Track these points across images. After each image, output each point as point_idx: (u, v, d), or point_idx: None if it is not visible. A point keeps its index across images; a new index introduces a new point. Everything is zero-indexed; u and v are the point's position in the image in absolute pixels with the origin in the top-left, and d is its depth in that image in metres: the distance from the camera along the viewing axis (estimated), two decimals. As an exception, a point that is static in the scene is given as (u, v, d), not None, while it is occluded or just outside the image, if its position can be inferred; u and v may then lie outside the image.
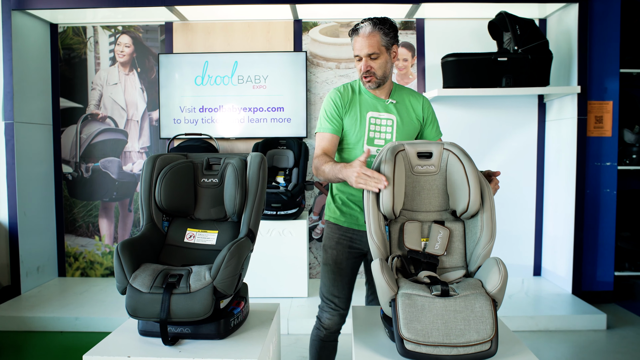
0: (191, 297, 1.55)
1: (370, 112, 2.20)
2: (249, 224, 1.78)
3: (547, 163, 4.25)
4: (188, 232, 1.89)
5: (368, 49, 2.10)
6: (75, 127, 4.37)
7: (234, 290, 1.62)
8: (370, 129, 2.19)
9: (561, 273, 4.00)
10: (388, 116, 2.19)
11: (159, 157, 1.90)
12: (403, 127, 2.19)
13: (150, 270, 1.63)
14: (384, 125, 2.19)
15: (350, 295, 2.31)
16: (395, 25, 2.17)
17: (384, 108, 2.20)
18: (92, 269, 4.42)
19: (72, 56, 4.34)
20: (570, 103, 3.87)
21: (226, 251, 1.59)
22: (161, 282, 1.58)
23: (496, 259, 1.58)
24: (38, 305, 3.65)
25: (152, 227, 1.85)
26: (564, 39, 3.95)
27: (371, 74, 2.13)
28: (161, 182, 1.83)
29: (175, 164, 1.88)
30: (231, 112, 4.23)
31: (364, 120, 2.19)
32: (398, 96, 2.23)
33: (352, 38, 2.16)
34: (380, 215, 1.71)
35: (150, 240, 1.82)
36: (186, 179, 1.89)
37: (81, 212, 4.41)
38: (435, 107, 4.20)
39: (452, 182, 1.77)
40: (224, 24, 4.26)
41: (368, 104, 2.21)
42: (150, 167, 1.86)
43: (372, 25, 2.10)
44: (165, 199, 1.83)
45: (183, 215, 1.91)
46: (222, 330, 1.65)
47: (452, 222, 1.79)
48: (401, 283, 1.55)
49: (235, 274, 1.60)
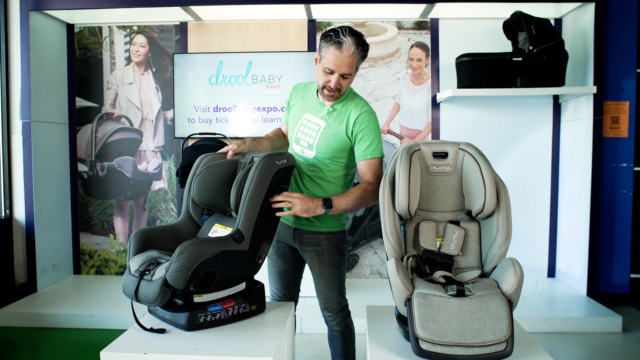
0: (149, 284, 1.64)
1: (306, 114, 2.19)
2: (238, 224, 1.78)
3: (561, 164, 4.21)
4: (214, 227, 1.94)
5: (346, 69, 1.99)
6: (91, 126, 4.41)
7: (182, 285, 1.60)
8: (299, 129, 2.19)
9: (576, 275, 3.97)
10: (318, 121, 2.15)
11: (208, 156, 2.02)
12: (327, 136, 2.11)
13: (146, 256, 1.76)
14: (311, 129, 2.16)
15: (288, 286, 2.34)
16: (369, 47, 2.07)
17: (319, 113, 2.16)
18: (107, 266, 4.47)
19: (88, 56, 4.39)
20: (585, 103, 3.84)
21: (179, 247, 1.62)
22: (145, 267, 1.69)
23: (512, 260, 1.57)
24: (54, 302, 3.69)
25: (187, 219, 2.00)
26: (579, 38, 3.92)
27: (337, 90, 2.05)
28: (196, 179, 1.94)
29: (214, 163, 1.97)
30: (245, 111, 4.25)
31: (298, 120, 2.21)
32: (343, 105, 2.12)
33: (327, 47, 1.98)
34: (396, 215, 1.71)
35: (180, 230, 1.96)
36: (224, 177, 1.96)
37: (96, 211, 4.45)
38: (449, 107, 4.21)
39: (467, 182, 1.77)
40: (239, 24, 4.28)
41: (309, 106, 2.21)
42: (196, 165, 1.99)
43: (356, 45, 1.97)
44: (198, 194, 1.95)
45: (221, 211, 1.99)
46: (186, 322, 1.69)
47: (467, 222, 1.79)
48: (416, 283, 1.55)
49: (183, 269, 1.59)
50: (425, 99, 4.25)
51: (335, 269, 2.21)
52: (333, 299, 2.25)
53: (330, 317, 2.29)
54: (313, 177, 2.16)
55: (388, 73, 4.26)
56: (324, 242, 2.18)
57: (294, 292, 2.37)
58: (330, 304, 2.26)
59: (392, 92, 4.26)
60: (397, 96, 4.26)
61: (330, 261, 2.19)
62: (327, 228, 2.18)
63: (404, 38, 4.24)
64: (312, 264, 2.22)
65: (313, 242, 2.19)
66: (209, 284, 1.71)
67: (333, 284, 2.22)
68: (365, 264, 4.36)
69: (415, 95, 4.25)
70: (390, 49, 4.25)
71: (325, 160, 2.13)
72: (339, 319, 2.29)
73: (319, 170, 2.14)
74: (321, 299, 2.28)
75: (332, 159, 2.13)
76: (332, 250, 2.20)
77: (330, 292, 2.23)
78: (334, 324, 2.30)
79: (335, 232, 2.20)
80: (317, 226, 2.17)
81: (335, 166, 2.15)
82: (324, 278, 2.21)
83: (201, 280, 1.68)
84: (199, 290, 1.69)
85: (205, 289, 1.71)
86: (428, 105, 4.25)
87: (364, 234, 4.34)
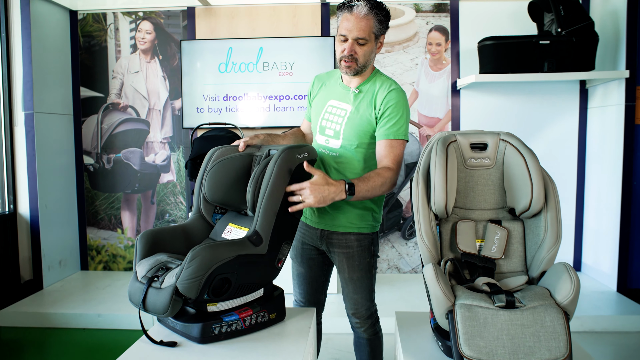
0: (158, 293, 1.48)
1: (331, 100, 2.02)
2: (255, 225, 1.60)
3: (588, 152, 4.01)
4: (228, 227, 1.76)
5: (358, 32, 1.84)
6: (96, 117, 4.25)
7: (195, 294, 1.44)
8: (324, 117, 2.01)
9: (605, 269, 3.78)
10: (344, 106, 1.97)
11: (220, 149, 1.83)
12: (355, 119, 1.93)
13: (154, 260, 1.59)
14: (337, 115, 1.98)
15: (313, 292, 2.17)
16: (389, 13, 1.93)
17: (345, 97, 1.99)
18: (115, 262, 4.33)
19: (92, 44, 4.21)
20: (616, 89, 3.63)
21: (191, 252, 1.45)
22: (153, 272, 1.53)
23: (565, 265, 1.39)
24: (60, 301, 3.56)
25: (198, 218, 1.82)
26: (610, 20, 3.69)
27: (353, 60, 1.88)
28: (207, 175, 1.77)
29: (227, 157, 1.80)
30: (256, 100, 4.07)
31: (322, 108, 2.04)
32: (370, 86, 1.96)
33: (341, 14, 1.88)
34: (432, 214, 1.53)
35: (191, 231, 1.79)
36: (237, 172, 1.79)
37: (103, 205, 4.30)
38: (470, 94, 4.01)
39: (510, 177, 1.58)
40: (248, 8, 4.09)
41: (334, 91, 2.03)
42: (207, 159, 1.81)
43: (369, 7, 1.83)
44: (209, 191, 1.77)
45: (236, 209, 1.82)
46: (199, 334, 1.52)
47: (509, 221, 1.60)
48: (458, 292, 1.37)
49: (196, 277, 1.42)
50: (444, 85, 4.04)
51: (366, 272, 2.03)
52: (362, 304, 2.07)
53: (357, 324, 2.12)
54: (340, 170, 1.97)
55: (406, 58, 4.06)
56: (354, 243, 2.00)
57: (319, 297, 2.20)
58: (359, 309, 2.08)
59: (410, 78, 4.05)
60: (415, 83, 4.06)
61: (361, 264, 2.01)
62: (357, 229, 2.00)
63: (422, 21, 4.03)
64: (340, 267, 2.04)
65: (343, 243, 2.00)
66: (224, 291, 1.54)
67: (363, 288, 2.05)
68: (382, 259, 4.20)
69: (434, 81, 4.05)
70: (408, 33, 4.05)
71: (352, 148, 1.94)
72: (367, 326, 2.11)
73: (347, 161, 1.95)
74: (349, 304, 2.09)
75: (361, 146, 1.94)
76: (364, 253, 2.01)
77: (359, 297, 2.06)
78: (362, 330, 2.12)
79: (367, 233, 2.03)
80: (347, 227, 1.99)
81: (364, 155, 1.95)
82: (353, 282, 2.03)
83: (215, 288, 1.51)
84: (213, 298, 1.53)
85: (220, 297, 1.55)
86: (448, 92, 4.05)
87: (380, 227, 4.16)
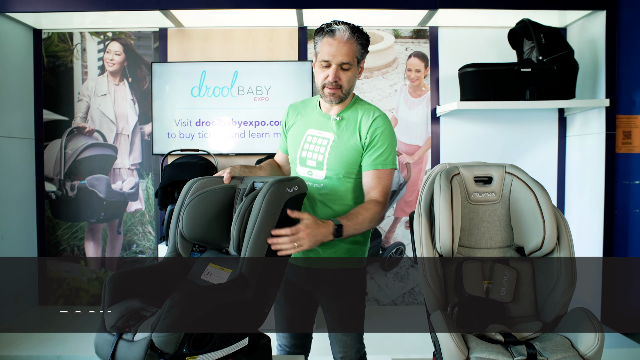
0: (130, 346, 1.29)
1: (310, 130, 1.91)
2: (241, 267, 1.44)
3: (568, 181, 3.97)
4: (208, 267, 1.59)
5: (343, 57, 1.79)
6: (60, 142, 4.01)
7: (174, 348, 1.27)
8: (304, 147, 1.90)
9: (587, 300, 3.71)
10: (326, 135, 1.87)
11: (199, 180, 1.67)
12: (339, 147, 1.84)
13: (125, 307, 1.41)
14: (318, 145, 1.87)
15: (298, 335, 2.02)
16: (369, 37, 1.90)
17: (325, 126, 1.88)
18: (77, 296, 4.05)
19: (57, 64, 4.00)
20: (596, 117, 3.61)
21: (169, 300, 1.28)
22: (124, 322, 1.35)
23: (585, 311, 1.28)
24: (15, 341, 3.26)
25: (174, 258, 1.64)
26: (587, 48, 3.69)
27: (337, 86, 1.80)
28: (185, 209, 1.61)
29: (207, 189, 1.63)
30: (230, 125, 3.91)
31: (301, 138, 1.92)
32: (351, 112, 1.88)
33: (320, 39, 1.83)
34: (436, 254, 1.40)
35: (166, 272, 1.60)
36: (218, 206, 1.63)
37: (65, 235, 4.04)
38: (450, 121, 3.94)
39: (518, 213, 1.47)
40: (223, 30, 3.95)
41: (312, 120, 1.93)
42: (184, 192, 1.65)
43: (351, 31, 1.81)
44: (187, 227, 1.60)
45: (216, 247, 1.65)
46: None
47: (518, 261, 1.49)
48: (471, 343, 1.23)
49: (175, 328, 1.26)
50: (424, 112, 3.97)
51: (356, 312, 1.88)
52: (352, 347, 1.91)
53: None
54: (326, 202, 1.83)
55: (384, 84, 3.98)
56: (343, 281, 1.85)
57: (305, 340, 2.03)
58: (348, 352, 1.91)
59: (389, 104, 3.97)
60: (395, 109, 3.97)
61: (351, 303, 1.86)
62: (346, 265, 1.85)
63: (402, 47, 3.97)
64: (329, 307, 1.88)
65: (331, 281, 1.85)
66: (206, 343, 1.37)
67: (353, 329, 1.89)
68: (361, 290, 4.04)
69: (413, 108, 3.97)
70: (387, 58, 3.97)
71: (338, 178, 1.81)
72: None
73: (332, 192, 1.82)
74: (338, 347, 1.93)
75: (348, 176, 1.81)
76: (354, 290, 1.87)
77: (349, 339, 1.90)
78: None
79: (356, 268, 1.88)
80: (335, 263, 1.84)
81: (351, 184, 1.83)
82: (343, 323, 1.88)
83: (197, 340, 1.34)
84: (192, 352, 1.35)
85: (201, 350, 1.37)
86: (427, 119, 3.97)
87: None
